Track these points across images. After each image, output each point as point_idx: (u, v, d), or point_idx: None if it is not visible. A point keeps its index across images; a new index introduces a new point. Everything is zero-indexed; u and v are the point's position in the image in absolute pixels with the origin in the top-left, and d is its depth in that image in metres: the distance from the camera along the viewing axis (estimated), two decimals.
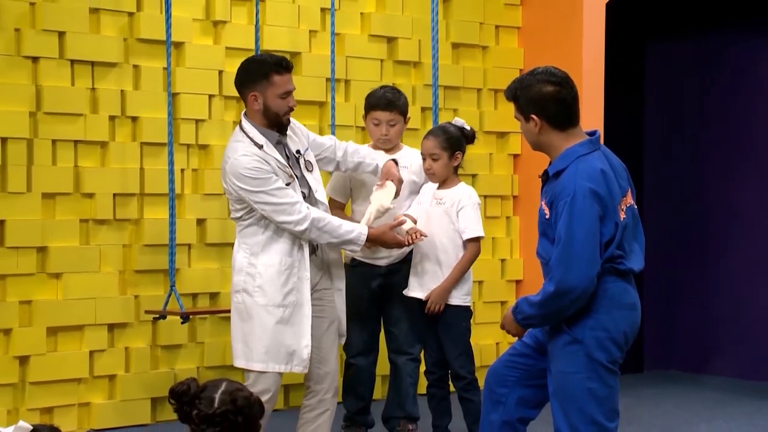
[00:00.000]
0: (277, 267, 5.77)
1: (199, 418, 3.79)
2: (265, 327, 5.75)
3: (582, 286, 4.71)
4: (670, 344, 9.82)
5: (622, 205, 4.84)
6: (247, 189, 5.73)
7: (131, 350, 7.36)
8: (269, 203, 5.72)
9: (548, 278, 4.79)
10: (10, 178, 6.91)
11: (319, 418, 5.93)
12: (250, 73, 5.91)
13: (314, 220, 5.76)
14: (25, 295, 6.99)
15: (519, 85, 4.93)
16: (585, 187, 4.72)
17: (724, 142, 9.52)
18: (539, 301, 4.80)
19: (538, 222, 4.95)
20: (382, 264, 6.67)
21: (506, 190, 8.94)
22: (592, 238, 4.71)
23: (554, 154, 4.89)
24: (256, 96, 5.84)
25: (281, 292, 5.76)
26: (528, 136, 4.97)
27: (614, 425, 4.84)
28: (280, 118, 5.89)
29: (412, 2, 8.54)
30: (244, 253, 5.84)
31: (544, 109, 4.86)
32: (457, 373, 6.35)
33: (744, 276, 9.34)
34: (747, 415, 7.92)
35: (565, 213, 4.72)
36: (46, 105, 7.04)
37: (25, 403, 6.96)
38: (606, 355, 4.78)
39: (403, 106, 6.72)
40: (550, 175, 4.87)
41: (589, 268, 4.71)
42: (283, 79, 5.88)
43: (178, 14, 7.40)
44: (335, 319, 6.04)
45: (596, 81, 8.52)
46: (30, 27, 7.01)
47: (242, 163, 5.74)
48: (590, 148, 4.88)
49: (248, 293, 5.79)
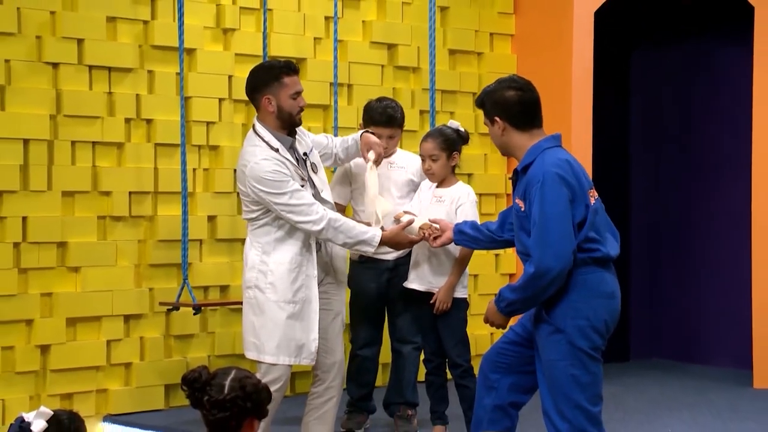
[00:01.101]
0: (287, 265, 5.77)
1: (210, 404, 3.81)
2: (277, 322, 5.76)
3: (560, 265, 4.75)
4: (654, 334, 9.83)
5: (590, 194, 4.89)
6: (268, 191, 5.71)
7: (146, 340, 7.39)
8: (289, 204, 5.70)
9: (527, 262, 4.84)
10: (32, 177, 6.94)
11: (326, 405, 5.96)
12: (262, 77, 5.91)
13: (330, 220, 5.75)
14: (46, 288, 7.01)
15: (485, 92, 5.07)
16: (552, 173, 4.78)
17: (706, 142, 9.53)
18: (520, 285, 4.85)
19: (514, 218, 5.00)
20: (390, 259, 6.69)
21: (500, 188, 8.98)
22: (564, 219, 4.76)
23: (519, 153, 4.97)
24: (270, 98, 5.84)
25: (291, 289, 5.77)
26: (494, 139, 5.05)
27: (598, 409, 4.86)
28: (294, 118, 5.90)
29: (411, 11, 8.56)
30: (256, 251, 5.82)
31: (506, 111, 4.95)
32: (455, 361, 6.36)
33: (726, 269, 9.35)
34: (728, 401, 7.92)
35: (536, 199, 4.78)
36: (66, 108, 7.07)
37: (46, 390, 6.99)
38: (588, 342, 4.81)
39: (402, 119, 6.74)
40: (519, 172, 4.94)
41: (564, 247, 4.75)
42: (293, 80, 5.90)
43: (190, 22, 7.42)
44: (340, 311, 6.08)
45: (585, 85, 8.54)
46: (50, 34, 7.03)
47: (263, 167, 5.72)
48: (554, 143, 4.95)
49: (260, 289, 5.79)
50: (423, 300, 6.36)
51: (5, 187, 6.85)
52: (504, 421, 5.08)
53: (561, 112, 8.22)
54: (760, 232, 8.37)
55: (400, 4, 8.52)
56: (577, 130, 8.33)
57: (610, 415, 6.62)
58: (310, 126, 7.98)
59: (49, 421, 3.79)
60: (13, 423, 3.79)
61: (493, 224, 5.41)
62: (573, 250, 4.77)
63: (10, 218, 6.86)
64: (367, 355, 6.81)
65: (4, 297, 6.84)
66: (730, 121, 9.28)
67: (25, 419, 3.78)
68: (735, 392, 8.25)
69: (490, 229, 5.41)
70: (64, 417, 3.84)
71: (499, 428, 5.00)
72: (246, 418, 3.85)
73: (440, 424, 6.52)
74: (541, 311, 4.91)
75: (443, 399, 6.51)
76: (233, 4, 7.76)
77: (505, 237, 5.34)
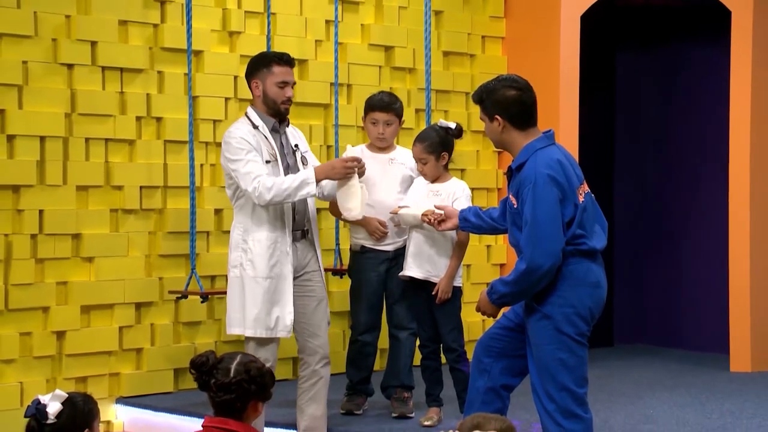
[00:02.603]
0: (264, 242, 5.81)
1: (216, 386, 3.82)
2: (255, 296, 5.80)
3: (549, 262, 4.75)
4: (637, 321, 9.84)
5: (580, 191, 4.87)
6: (228, 157, 5.80)
7: (156, 326, 7.39)
8: (239, 171, 5.74)
9: (519, 258, 4.83)
10: (48, 172, 6.93)
11: (315, 387, 5.97)
12: (255, 64, 6.01)
13: (261, 184, 5.70)
14: (62, 277, 7.01)
15: (485, 89, 5.00)
16: (544, 174, 4.77)
17: (685, 139, 9.55)
18: (512, 280, 4.84)
19: (508, 213, 4.99)
20: (390, 249, 6.67)
21: (491, 183, 8.96)
22: (554, 219, 4.76)
23: (515, 150, 4.95)
24: (257, 83, 5.92)
25: (268, 265, 5.80)
26: (492, 135, 5.03)
27: (584, 391, 4.87)
28: (278, 106, 5.92)
29: (408, 15, 8.55)
30: (239, 230, 5.88)
31: (506, 111, 4.92)
32: (450, 346, 6.35)
33: (704, 260, 9.36)
34: (705, 383, 7.92)
35: (528, 198, 4.77)
36: (80, 107, 7.06)
37: (62, 373, 6.99)
38: (573, 328, 4.81)
39: (399, 109, 6.73)
40: (513, 170, 4.92)
41: (554, 245, 4.75)
42: (282, 70, 5.93)
43: (197, 25, 7.40)
44: (323, 297, 6.09)
45: (572, 84, 8.53)
46: (66, 37, 7.01)
47: (232, 133, 5.84)
48: (546, 142, 4.93)
49: (242, 267, 5.83)
50: (420, 288, 6.35)
51: (23, 182, 6.84)
52: (496, 403, 5.08)
53: (549, 111, 8.20)
54: (737, 224, 8.37)
55: (397, 9, 8.51)
56: (564, 127, 8.32)
57: (595, 396, 6.61)
58: (312, 124, 7.99)
59: (64, 403, 3.78)
60: (30, 405, 3.79)
61: (495, 211, 5.39)
62: (562, 248, 4.76)
63: (28, 211, 6.85)
64: (367, 340, 6.79)
65: (22, 285, 6.83)
66: (708, 118, 9.29)
67: (41, 401, 3.77)
68: (713, 375, 8.26)
69: (492, 217, 5.39)
70: (79, 399, 3.86)
71: (491, 409, 4.99)
72: (251, 400, 3.85)
73: (435, 406, 6.51)
74: (531, 299, 4.89)
75: (438, 382, 6.51)
76: (239, 8, 7.75)
77: (506, 225, 5.32)
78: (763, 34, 8.36)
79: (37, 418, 3.76)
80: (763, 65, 8.36)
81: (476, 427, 3.64)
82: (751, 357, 8.32)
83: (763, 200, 8.39)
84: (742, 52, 8.33)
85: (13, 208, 6.82)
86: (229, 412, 3.83)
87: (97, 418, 3.89)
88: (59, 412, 3.79)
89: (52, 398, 3.79)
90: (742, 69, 8.32)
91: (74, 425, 3.81)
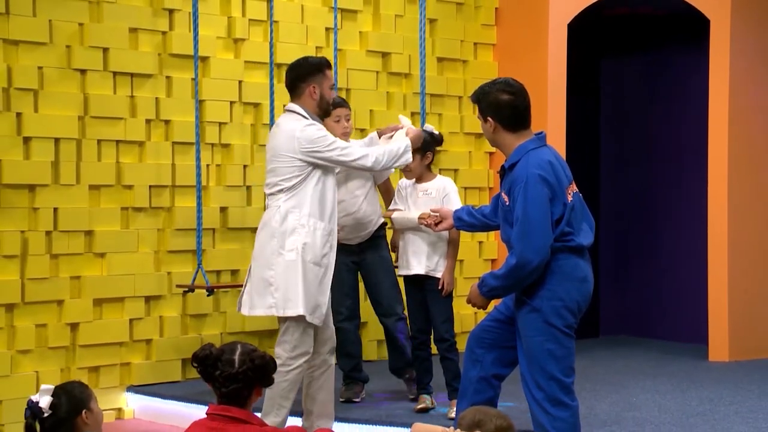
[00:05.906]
0: (321, 231, 5.69)
1: (223, 378, 3.80)
2: (307, 280, 5.64)
3: (539, 258, 4.74)
4: (621, 313, 9.84)
5: (569, 191, 4.87)
6: (321, 147, 5.65)
7: (165, 318, 7.39)
8: (341, 149, 5.69)
9: (510, 253, 4.83)
10: (62, 172, 6.93)
11: (323, 375, 5.92)
12: (308, 69, 5.84)
13: (373, 151, 5.81)
14: (75, 272, 7.01)
15: (481, 91, 5.00)
16: (535, 174, 4.76)
17: (668, 141, 9.56)
18: (503, 274, 4.83)
19: (500, 210, 4.98)
20: (354, 243, 6.71)
21: (483, 182, 8.96)
22: (544, 217, 4.75)
23: (506, 150, 4.94)
24: (315, 87, 5.79)
25: (321, 253, 5.69)
26: (485, 134, 5.05)
27: (571, 380, 4.86)
28: (329, 106, 5.93)
29: (404, 23, 8.55)
30: (295, 216, 5.65)
31: (498, 113, 4.92)
32: (442, 336, 6.36)
33: (684, 256, 9.37)
34: (685, 372, 7.93)
35: (520, 197, 4.76)
36: (93, 110, 7.05)
37: (75, 363, 6.99)
38: (561, 320, 4.80)
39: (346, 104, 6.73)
40: (506, 169, 4.91)
41: (543, 242, 4.74)
42: (331, 73, 5.94)
43: (204, 33, 7.40)
44: None
45: (559, 90, 8.53)
46: (79, 44, 7.01)
47: (313, 129, 5.69)
48: (538, 144, 4.92)
49: (301, 251, 5.63)
50: (414, 283, 6.38)
51: (38, 181, 6.83)
52: (488, 392, 5.07)
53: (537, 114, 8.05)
54: (715, 222, 8.38)
55: (394, 17, 8.51)
56: (552, 130, 8.31)
57: (582, 385, 6.62)
58: None
59: (54, 394, 3.80)
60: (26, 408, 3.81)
61: (487, 208, 5.38)
62: (550, 245, 4.76)
63: (43, 209, 6.84)
64: (348, 328, 6.79)
65: (38, 280, 6.83)
66: (688, 120, 9.30)
67: (33, 401, 3.80)
68: (692, 364, 8.26)
69: (484, 214, 5.37)
70: (74, 386, 3.89)
71: (483, 398, 4.99)
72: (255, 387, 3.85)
73: (425, 394, 6.52)
74: (521, 293, 4.89)
75: (428, 371, 6.53)
76: (243, 17, 7.74)
77: (498, 221, 5.31)
78: (740, 41, 8.37)
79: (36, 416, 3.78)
80: (740, 71, 8.37)
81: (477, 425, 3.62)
82: (729, 347, 8.33)
83: (739, 198, 8.41)
84: (720, 58, 8.34)
85: (29, 206, 6.82)
86: (236, 400, 3.82)
87: (93, 399, 3.91)
88: (54, 403, 3.80)
89: (41, 394, 3.82)
90: (721, 74, 8.33)
91: (75, 410, 3.83)
